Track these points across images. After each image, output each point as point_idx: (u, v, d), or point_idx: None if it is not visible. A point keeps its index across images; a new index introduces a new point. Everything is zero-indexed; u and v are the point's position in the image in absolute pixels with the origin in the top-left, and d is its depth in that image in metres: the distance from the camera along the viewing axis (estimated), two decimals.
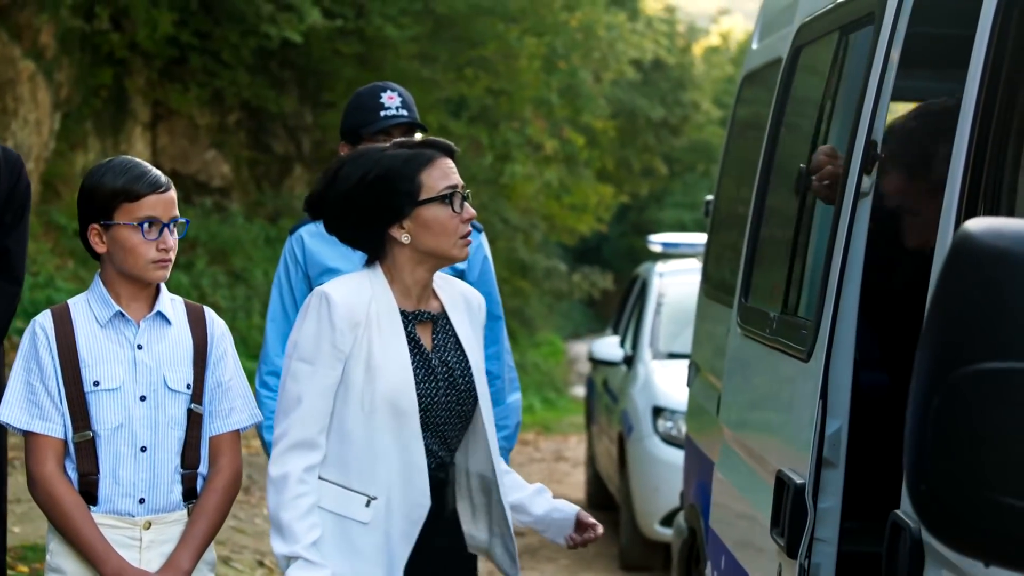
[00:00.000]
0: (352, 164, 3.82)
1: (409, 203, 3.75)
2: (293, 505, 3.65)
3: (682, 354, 10.45)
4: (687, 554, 6.16)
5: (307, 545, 3.62)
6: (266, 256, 17.88)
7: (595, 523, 4.04)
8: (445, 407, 3.81)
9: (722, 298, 5.86)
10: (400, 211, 3.75)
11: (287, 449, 3.70)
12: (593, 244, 34.79)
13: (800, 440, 3.26)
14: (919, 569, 2.84)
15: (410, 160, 3.79)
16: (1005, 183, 2.80)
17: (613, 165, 28.92)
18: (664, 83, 31.01)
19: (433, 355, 3.83)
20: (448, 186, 3.77)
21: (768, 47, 5.66)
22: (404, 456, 3.73)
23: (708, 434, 5.82)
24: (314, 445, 3.70)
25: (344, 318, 3.69)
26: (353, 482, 3.72)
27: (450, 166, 3.81)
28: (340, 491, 3.72)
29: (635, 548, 10.06)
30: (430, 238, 3.76)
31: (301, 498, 3.65)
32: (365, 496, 3.71)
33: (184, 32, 16.42)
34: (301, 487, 3.66)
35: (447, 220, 3.76)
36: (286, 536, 3.64)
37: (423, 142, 3.88)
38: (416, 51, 19.09)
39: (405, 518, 3.73)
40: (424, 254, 3.79)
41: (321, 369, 3.69)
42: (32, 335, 3.83)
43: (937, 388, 2.01)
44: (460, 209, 3.78)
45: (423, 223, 3.76)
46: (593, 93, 23.84)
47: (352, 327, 3.70)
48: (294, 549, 3.62)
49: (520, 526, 4.08)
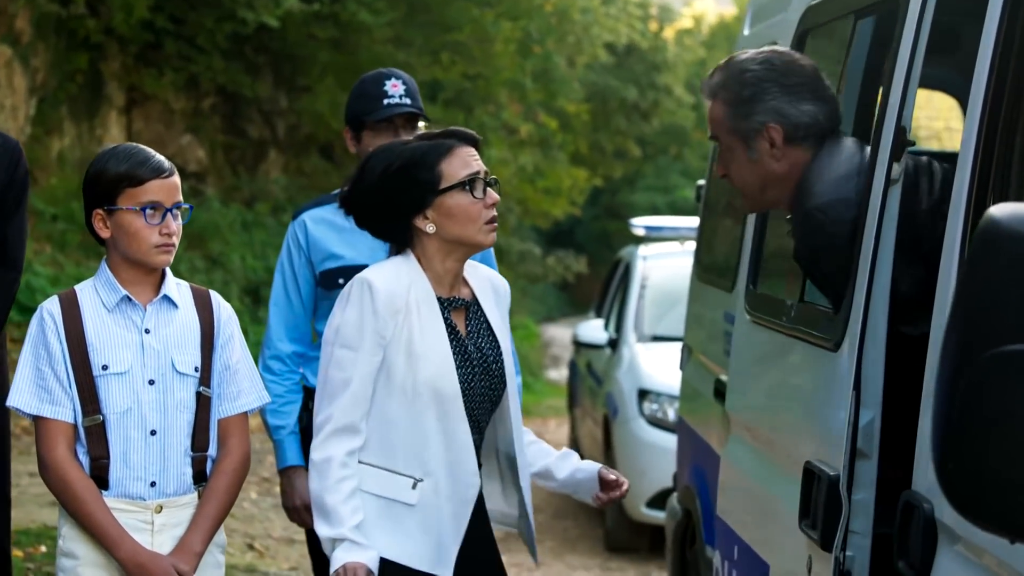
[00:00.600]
0: (376, 157, 3.88)
1: (431, 192, 3.81)
2: (337, 488, 3.71)
3: (666, 337, 10.53)
4: (681, 535, 6.21)
5: (352, 527, 3.68)
6: (243, 241, 17.85)
7: (618, 478, 4.09)
8: (480, 392, 3.88)
9: (716, 281, 5.89)
10: (422, 201, 3.81)
11: (331, 434, 3.76)
12: (566, 227, 34.80)
13: (830, 431, 3.22)
14: (932, 548, 2.86)
15: (430, 150, 3.84)
16: (1014, 174, 2.82)
17: (587, 148, 28.98)
18: (638, 66, 31.05)
19: (468, 341, 3.90)
20: (468, 173, 3.82)
21: (762, 33, 5.67)
22: (450, 438, 3.80)
23: (703, 416, 5.86)
24: (356, 430, 3.77)
25: (386, 305, 3.75)
26: (399, 465, 3.79)
27: (470, 154, 3.86)
28: (385, 474, 3.79)
29: (621, 530, 10.10)
30: (455, 226, 3.82)
31: (344, 481, 3.72)
32: (411, 478, 3.78)
33: (159, 17, 16.39)
34: (344, 471, 3.73)
35: (469, 207, 3.82)
36: (331, 519, 3.70)
37: (444, 132, 3.92)
38: (391, 35, 19.06)
39: (455, 498, 3.81)
40: (451, 243, 3.84)
41: (364, 356, 3.75)
42: (40, 320, 3.85)
43: (964, 369, 2.05)
44: (483, 195, 3.83)
45: (446, 212, 3.81)
46: (567, 77, 23.87)
47: (393, 314, 3.76)
48: (340, 531, 3.68)
49: (552, 490, 4.17)
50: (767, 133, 3.49)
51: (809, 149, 3.48)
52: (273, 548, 9.05)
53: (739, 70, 3.54)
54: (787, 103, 3.46)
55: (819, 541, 3.15)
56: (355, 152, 4.93)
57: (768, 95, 3.47)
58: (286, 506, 4.96)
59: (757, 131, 3.50)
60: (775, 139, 3.47)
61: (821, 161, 3.44)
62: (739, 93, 3.51)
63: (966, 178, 2.92)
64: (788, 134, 3.46)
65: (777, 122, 3.47)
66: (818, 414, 3.37)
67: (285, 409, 4.81)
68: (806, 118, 3.47)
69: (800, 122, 3.46)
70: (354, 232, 4.75)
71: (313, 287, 4.91)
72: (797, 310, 3.66)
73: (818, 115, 3.47)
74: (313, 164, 21.43)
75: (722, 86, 3.55)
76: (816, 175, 3.42)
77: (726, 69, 3.58)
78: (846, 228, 3.30)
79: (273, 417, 4.82)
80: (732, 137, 3.55)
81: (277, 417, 4.83)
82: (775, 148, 3.48)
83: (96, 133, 16.98)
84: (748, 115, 3.50)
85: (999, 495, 2.05)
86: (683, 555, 6.24)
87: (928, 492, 2.88)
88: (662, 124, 33.17)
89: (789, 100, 3.46)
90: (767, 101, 3.47)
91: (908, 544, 2.94)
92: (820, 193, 3.38)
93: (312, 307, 4.94)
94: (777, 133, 3.47)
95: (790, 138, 3.47)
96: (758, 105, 3.49)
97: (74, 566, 3.84)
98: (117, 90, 17.49)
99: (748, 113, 3.50)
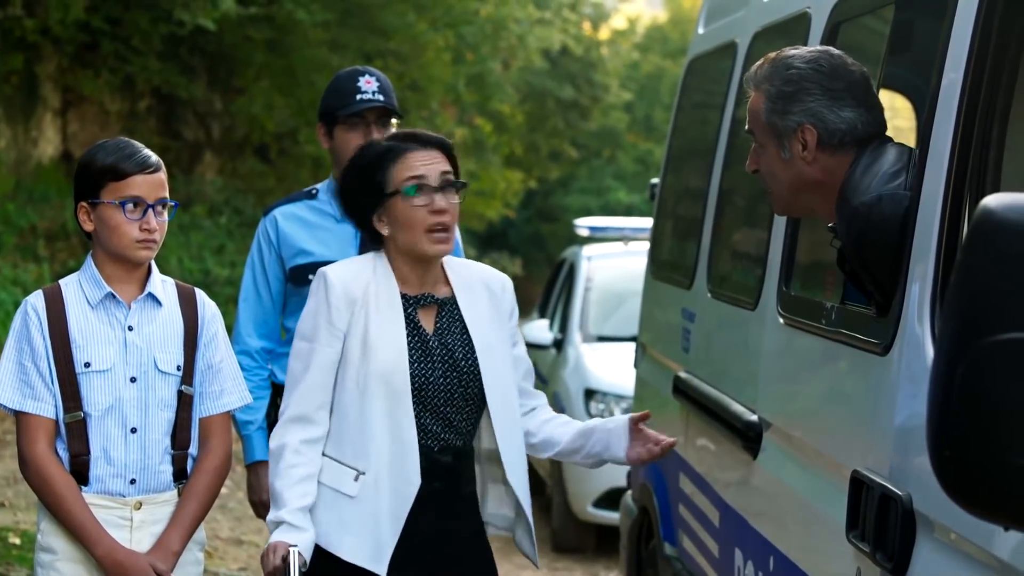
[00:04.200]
0: (356, 154, 3.93)
1: (379, 195, 3.82)
2: (286, 474, 3.74)
3: (612, 337, 10.59)
4: (637, 532, 6.24)
5: (292, 510, 3.70)
6: (179, 243, 17.74)
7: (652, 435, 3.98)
8: (444, 388, 3.84)
9: (672, 278, 5.94)
10: (376, 203, 3.83)
11: (285, 423, 3.80)
12: (500, 230, 34.81)
13: (879, 439, 3.11)
14: (910, 540, 2.88)
15: (385, 153, 3.85)
16: (990, 165, 2.86)
17: (522, 150, 29.01)
18: (573, 65, 31.13)
19: (434, 337, 3.87)
20: (410, 177, 3.80)
21: (718, 31, 5.74)
22: (395, 434, 3.78)
23: (660, 413, 5.90)
24: (311, 420, 3.79)
25: (339, 296, 3.77)
26: (347, 456, 3.79)
27: (424, 158, 3.83)
28: (335, 465, 3.80)
29: (567, 530, 10.13)
30: (400, 232, 3.82)
31: (294, 468, 3.74)
32: (355, 471, 3.78)
33: (96, 17, 16.29)
34: (295, 458, 3.75)
35: (410, 212, 3.79)
36: (276, 502, 3.73)
37: (407, 134, 3.92)
38: (327, 38, 19.03)
39: (394, 495, 3.78)
40: (400, 248, 3.85)
41: (318, 346, 3.78)
42: (24, 315, 3.85)
43: (961, 358, 2.08)
44: (428, 201, 3.80)
45: (393, 217, 3.82)
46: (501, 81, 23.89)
47: (348, 304, 3.77)
48: (279, 514, 3.71)
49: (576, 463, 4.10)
50: (801, 134, 3.39)
51: (845, 156, 3.36)
52: (221, 549, 9.03)
53: (785, 65, 3.43)
54: (827, 107, 3.35)
55: (870, 551, 3.02)
56: (327, 148, 4.94)
57: (809, 96, 3.37)
58: (252, 500, 4.98)
59: (792, 130, 3.40)
60: (808, 142, 3.34)
61: (864, 161, 3.31)
62: (780, 89, 3.39)
63: (943, 170, 2.95)
64: (822, 138, 3.36)
65: (812, 124, 3.36)
66: (865, 421, 3.24)
67: (253, 405, 4.77)
68: (843, 124, 3.36)
69: (836, 128, 3.36)
70: (324, 228, 4.79)
71: (283, 283, 4.92)
72: (838, 313, 3.53)
73: (857, 122, 3.35)
74: (249, 166, 21.37)
75: (766, 78, 3.44)
76: (860, 175, 3.27)
77: (773, 62, 3.48)
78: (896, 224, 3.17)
79: (241, 413, 4.82)
80: (766, 133, 3.45)
81: (245, 412, 4.83)
82: (806, 151, 3.38)
83: (31, 135, 16.86)
84: (785, 113, 3.40)
85: (994, 481, 2.07)
86: (639, 552, 6.27)
87: (906, 483, 2.90)
88: (597, 126, 33.26)
89: (829, 104, 3.35)
90: (806, 102, 3.37)
91: (885, 536, 2.96)
92: (865, 189, 3.24)
93: (282, 303, 4.95)
94: (811, 136, 3.36)
95: (824, 143, 3.37)
96: (797, 105, 3.38)
97: (52, 561, 3.84)
98: (52, 92, 17.37)
99: (785, 111, 3.40)
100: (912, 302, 3.03)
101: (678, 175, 6.41)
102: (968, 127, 2.91)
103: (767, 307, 4.18)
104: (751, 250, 4.68)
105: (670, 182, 6.54)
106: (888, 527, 2.95)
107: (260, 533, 9.23)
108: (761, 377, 4.19)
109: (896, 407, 3.03)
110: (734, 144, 4.97)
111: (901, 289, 3.10)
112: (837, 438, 3.51)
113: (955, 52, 3.02)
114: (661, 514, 5.70)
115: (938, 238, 2.95)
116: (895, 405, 3.04)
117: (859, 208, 3.24)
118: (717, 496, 4.68)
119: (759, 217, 4.50)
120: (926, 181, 3.06)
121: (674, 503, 5.48)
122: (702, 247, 5.28)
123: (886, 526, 2.95)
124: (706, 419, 4.81)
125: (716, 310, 5.03)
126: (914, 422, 2.91)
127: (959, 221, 2.90)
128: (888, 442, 3.05)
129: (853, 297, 3.49)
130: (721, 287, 5.02)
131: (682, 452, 5.30)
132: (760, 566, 4.02)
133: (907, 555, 2.88)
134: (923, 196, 3.04)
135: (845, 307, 3.51)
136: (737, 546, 4.34)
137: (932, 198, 2.99)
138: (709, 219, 5.24)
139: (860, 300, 3.43)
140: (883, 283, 3.22)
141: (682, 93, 6.51)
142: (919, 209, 3.05)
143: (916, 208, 3.10)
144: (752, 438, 4.16)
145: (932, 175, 3.02)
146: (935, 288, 2.94)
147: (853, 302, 3.48)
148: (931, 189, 3.01)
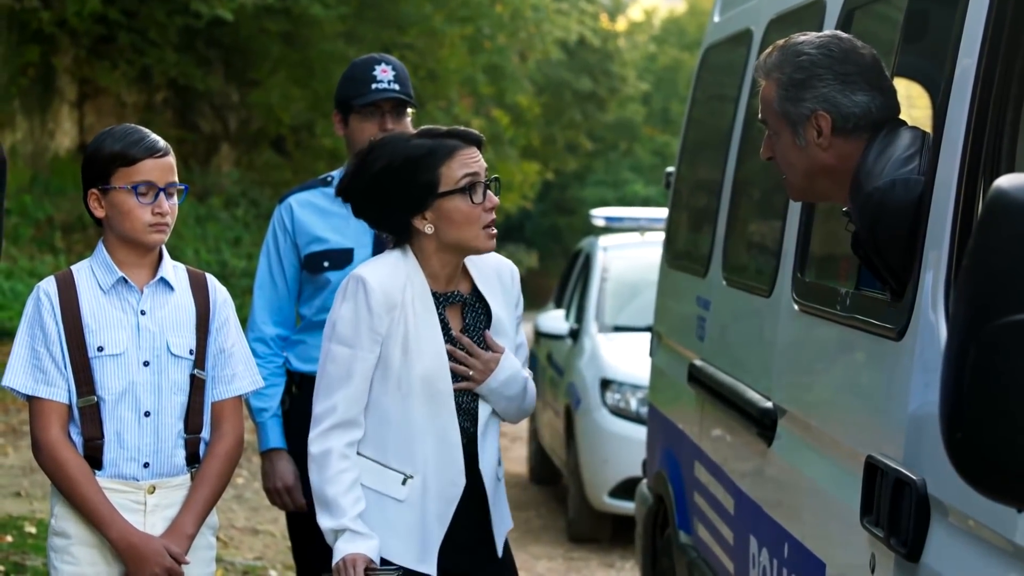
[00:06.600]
0: (378, 151, 3.88)
1: (430, 195, 3.80)
2: (337, 480, 3.75)
3: (628, 327, 10.57)
4: (652, 521, 6.24)
5: (353, 517, 3.72)
6: (196, 235, 17.81)
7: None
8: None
9: (688, 267, 5.94)
10: (421, 202, 3.81)
11: (330, 428, 3.80)
12: (516, 222, 34.87)
13: (894, 425, 3.10)
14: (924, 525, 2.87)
15: (431, 152, 3.82)
16: (1004, 150, 2.85)
17: (539, 142, 29.01)
18: (591, 57, 31.13)
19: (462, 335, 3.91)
20: (467, 174, 3.81)
21: (733, 19, 5.73)
22: (441, 436, 3.83)
23: (675, 402, 5.91)
24: (355, 424, 3.81)
25: (381, 303, 3.78)
26: (391, 460, 3.83)
27: (471, 156, 3.84)
28: (378, 468, 3.83)
29: (583, 520, 10.12)
30: (453, 230, 3.82)
31: (344, 473, 3.76)
32: (402, 475, 3.82)
33: (112, 10, 16.33)
34: (344, 463, 3.77)
35: (468, 211, 3.81)
36: (332, 510, 3.74)
37: (448, 131, 3.91)
38: (343, 30, 19.06)
39: (440, 497, 3.83)
40: (448, 245, 3.85)
41: (360, 352, 3.79)
42: (36, 301, 3.86)
43: (973, 340, 2.08)
44: (482, 199, 3.82)
45: (445, 215, 3.81)
46: (518, 73, 23.91)
47: (388, 310, 3.79)
48: (341, 522, 3.72)
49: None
50: (815, 121, 3.39)
51: (859, 141, 3.36)
52: (237, 538, 9.05)
53: (795, 52, 3.43)
54: (839, 92, 3.35)
55: (884, 537, 3.01)
56: (342, 135, 4.95)
57: (821, 81, 3.36)
58: (267, 488, 4.97)
59: (805, 117, 3.39)
60: (823, 128, 3.34)
61: (877, 146, 3.30)
62: (791, 76, 3.38)
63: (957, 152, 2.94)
64: (836, 124, 3.36)
65: (826, 110, 3.35)
66: (880, 407, 3.24)
67: (268, 392, 4.81)
68: (857, 109, 3.36)
69: (850, 112, 3.36)
70: (340, 216, 4.78)
71: (298, 270, 4.92)
72: (853, 298, 3.53)
73: (870, 106, 3.34)
74: (265, 158, 21.41)
75: (776, 66, 3.43)
76: (873, 160, 3.25)
77: (783, 49, 3.47)
78: (910, 209, 3.16)
79: (256, 400, 4.83)
80: (780, 121, 3.44)
81: (260, 400, 4.84)
82: (822, 137, 3.38)
83: (48, 127, 16.91)
84: (798, 100, 3.39)
85: (1007, 463, 2.07)
86: (654, 540, 6.27)
87: (921, 467, 2.89)
88: (613, 118, 33.26)
89: (842, 89, 3.34)
90: (819, 88, 3.36)
91: (899, 521, 2.95)
92: (879, 174, 3.24)
93: (297, 291, 4.96)
94: (825, 122, 3.35)
95: (838, 128, 3.36)
96: (809, 91, 3.37)
97: (66, 545, 3.85)
98: (69, 84, 17.42)
99: (798, 98, 3.39)
100: (926, 287, 3.01)
101: (693, 163, 6.40)
102: (982, 113, 2.89)
103: (782, 294, 4.17)
104: (766, 237, 4.68)
105: (685, 170, 6.53)
106: (902, 512, 2.94)
107: (276, 523, 9.25)
108: (776, 364, 4.18)
109: (911, 392, 3.01)
110: (749, 132, 4.96)
111: (915, 274, 3.09)
112: (852, 424, 3.50)
113: (969, 38, 3.00)
114: (676, 502, 5.69)
115: (952, 223, 2.92)
116: (910, 390, 3.02)
117: (873, 193, 3.22)
118: (732, 484, 4.67)
119: (774, 204, 4.49)
120: (940, 167, 3.05)
121: (689, 491, 5.47)
122: (717, 235, 5.28)
123: (900, 511, 2.94)
124: (721, 407, 4.80)
125: (731, 298, 5.02)
126: (928, 407, 2.88)
127: (973, 206, 2.88)
128: (903, 427, 3.04)
129: (868, 283, 3.48)
130: (736, 275, 5.01)
131: (697, 440, 5.30)
132: (775, 553, 4.02)
133: (921, 540, 2.87)
134: (937, 182, 3.03)
135: (860, 293, 3.50)
136: (752, 533, 4.34)
137: (946, 184, 2.97)
138: (724, 207, 5.23)
139: (875, 286, 3.42)
140: (897, 268, 3.20)
141: (697, 81, 6.51)
142: (933, 194, 3.04)
143: (930, 193, 3.08)
144: (767, 425, 4.16)
145: (946, 161, 3.00)
146: (949, 273, 2.91)
147: (868, 288, 3.47)
148: (945, 175, 2.99)
